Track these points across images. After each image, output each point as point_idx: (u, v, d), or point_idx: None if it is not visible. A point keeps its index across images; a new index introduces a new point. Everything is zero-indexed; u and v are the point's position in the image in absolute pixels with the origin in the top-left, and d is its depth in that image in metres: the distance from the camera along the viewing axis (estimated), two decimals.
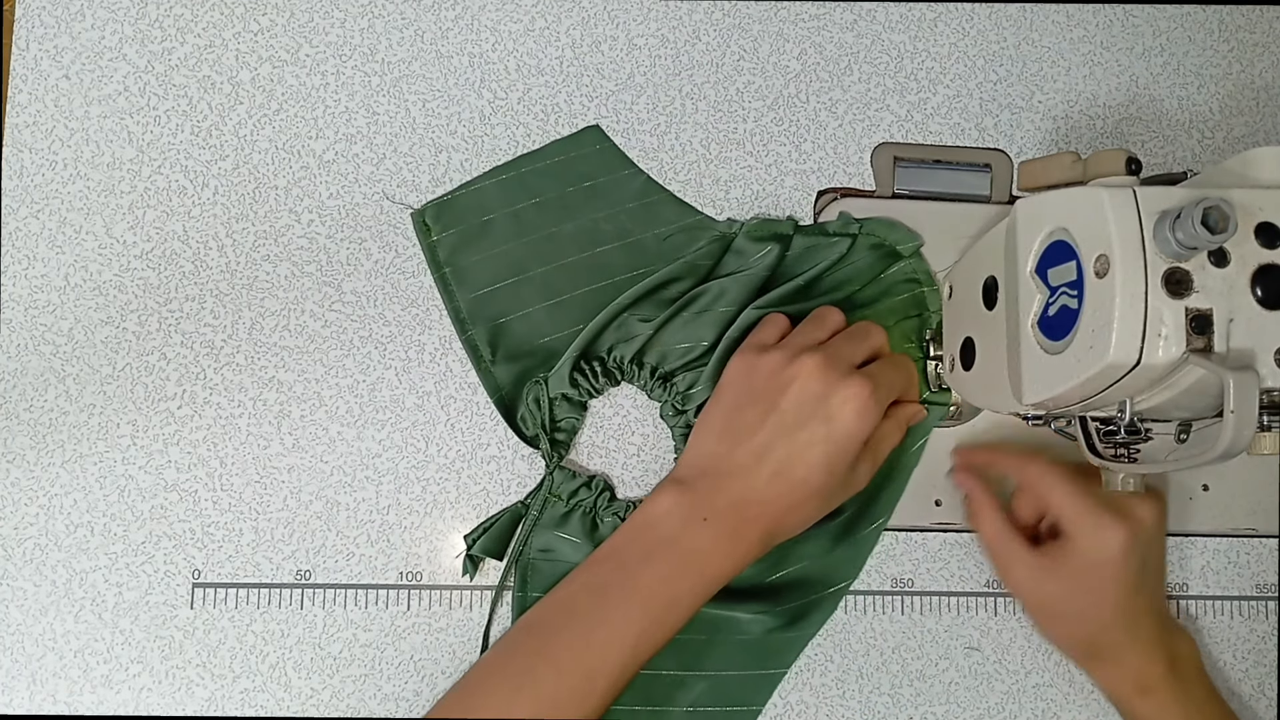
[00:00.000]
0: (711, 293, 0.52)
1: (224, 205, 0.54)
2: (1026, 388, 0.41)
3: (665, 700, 0.50)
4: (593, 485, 0.51)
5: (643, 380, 0.52)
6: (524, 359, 0.52)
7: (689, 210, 0.54)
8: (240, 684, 0.51)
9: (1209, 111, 0.56)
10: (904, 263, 0.53)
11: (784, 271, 0.53)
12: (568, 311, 0.53)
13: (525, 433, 0.52)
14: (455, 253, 0.53)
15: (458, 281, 0.53)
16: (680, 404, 0.51)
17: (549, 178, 0.54)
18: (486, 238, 0.53)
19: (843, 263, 0.53)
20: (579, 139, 0.54)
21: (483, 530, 0.51)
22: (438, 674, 0.52)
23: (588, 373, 0.51)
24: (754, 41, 0.56)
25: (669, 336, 0.52)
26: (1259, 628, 0.54)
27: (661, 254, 0.53)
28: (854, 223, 0.53)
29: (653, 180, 0.54)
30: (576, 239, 0.53)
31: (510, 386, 0.52)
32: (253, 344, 0.53)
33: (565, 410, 0.52)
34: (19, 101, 0.54)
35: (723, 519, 0.45)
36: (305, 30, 0.55)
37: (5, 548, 0.51)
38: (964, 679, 0.53)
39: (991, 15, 0.57)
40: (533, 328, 0.53)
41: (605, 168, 0.54)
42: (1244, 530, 0.54)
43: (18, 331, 0.53)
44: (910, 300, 0.53)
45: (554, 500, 0.51)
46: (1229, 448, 0.34)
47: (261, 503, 0.52)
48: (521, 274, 0.53)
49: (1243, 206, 0.36)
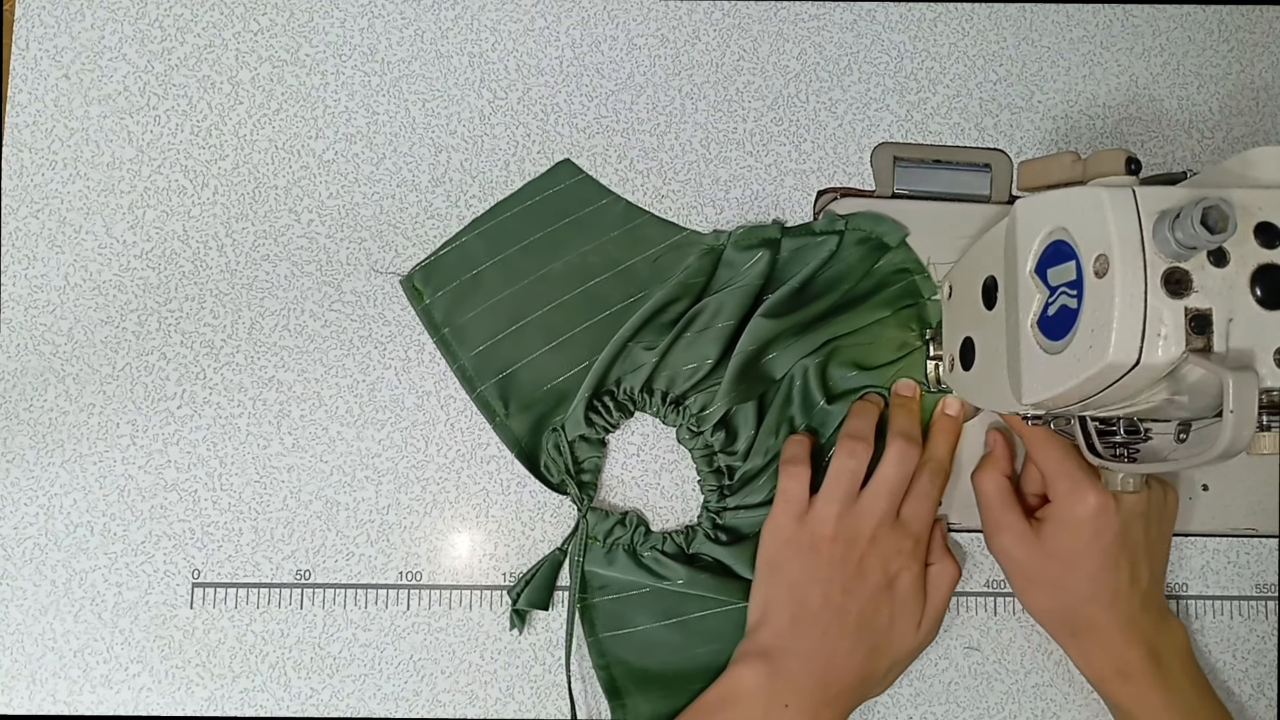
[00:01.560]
0: (709, 309, 0.52)
1: (224, 205, 0.54)
2: (1026, 388, 0.41)
3: None
4: (626, 522, 0.51)
5: (655, 407, 0.52)
6: (537, 406, 0.52)
7: (673, 228, 0.54)
8: (240, 684, 0.51)
9: (1209, 111, 0.56)
10: (893, 253, 0.53)
11: (777, 276, 0.53)
12: (571, 350, 0.53)
13: (551, 480, 0.52)
14: (451, 312, 0.53)
15: (458, 341, 0.53)
16: (696, 425, 0.51)
17: (530, 219, 0.53)
18: (479, 291, 0.53)
19: (833, 260, 0.53)
20: (552, 175, 0.54)
21: (525, 583, 0.51)
22: (438, 674, 0.52)
23: (601, 409, 0.51)
24: (754, 41, 0.56)
25: (675, 360, 0.52)
26: (1259, 628, 0.54)
27: (653, 276, 0.53)
28: (839, 219, 0.53)
29: (632, 204, 0.54)
30: (567, 276, 0.53)
31: (528, 436, 0.52)
32: (253, 344, 0.53)
33: (586, 450, 0.52)
34: (19, 101, 0.54)
35: (806, 704, 0.46)
36: (305, 30, 0.55)
37: (5, 548, 0.51)
38: (964, 679, 0.53)
39: (991, 15, 0.57)
40: (540, 373, 0.52)
41: (583, 200, 0.54)
42: (1244, 530, 0.54)
43: (18, 331, 0.53)
44: (904, 289, 0.53)
45: (593, 542, 0.51)
46: (1229, 448, 0.34)
47: (261, 503, 0.52)
48: (520, 321, 0.53)
49: (1242, 206, 0.36)
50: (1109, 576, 0.47)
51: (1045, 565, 0.48)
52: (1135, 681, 0.47)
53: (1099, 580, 0.47)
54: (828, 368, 0.52)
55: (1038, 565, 0.48)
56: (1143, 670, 0.47)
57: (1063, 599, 0.48)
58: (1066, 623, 0.49)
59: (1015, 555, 0.49)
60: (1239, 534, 0.54)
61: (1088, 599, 0.47)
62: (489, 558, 0.52)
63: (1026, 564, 0.48)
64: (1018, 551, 0.48)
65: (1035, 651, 0.53)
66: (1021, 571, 0.49)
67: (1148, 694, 0.47)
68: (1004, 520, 0.49)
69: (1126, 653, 0.47)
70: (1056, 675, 0.53)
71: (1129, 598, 0.47)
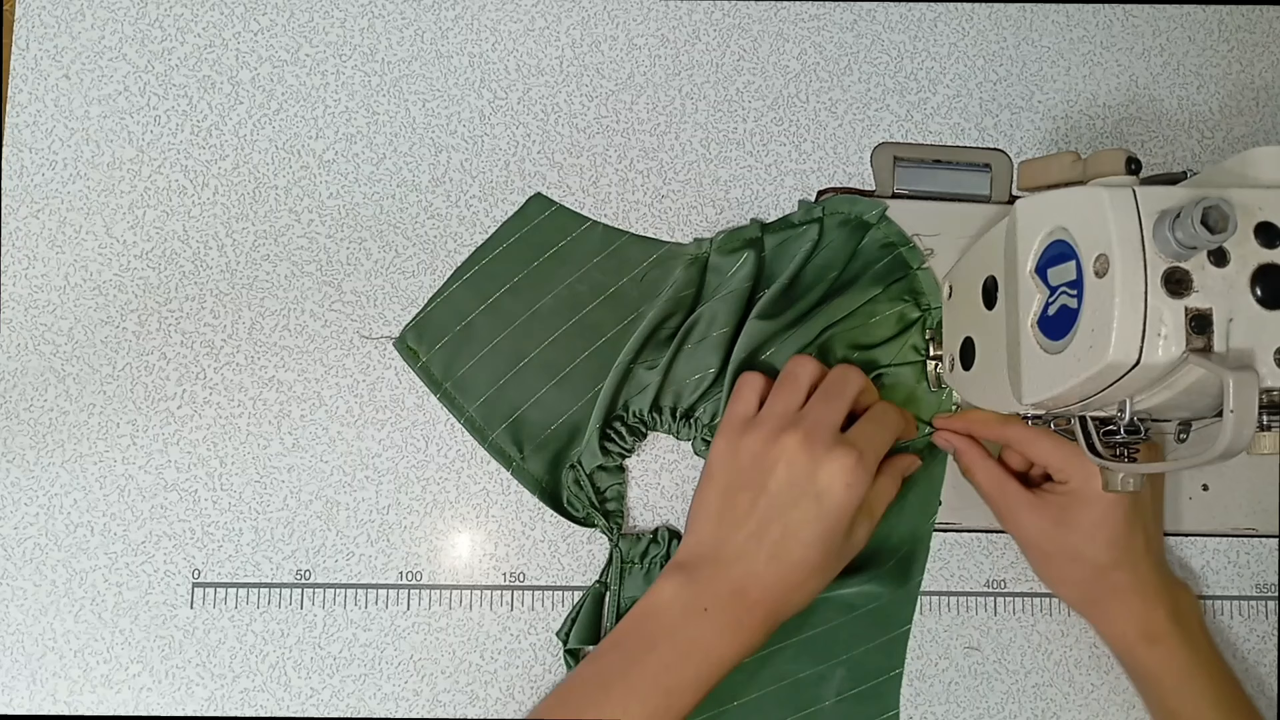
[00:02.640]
0: (704, 319, 0.52)
1: (224, 205, 0.54)
2: (1026, 387, 0.41)
3: (813, 699, 0.51)
4: (659, 538, 0.52)
5: (667, 424, 0.52)
6: (551, 443, 0.52)
7: (654, 243, 0.54)
8: (240, 684, 0.51)
9: (1209, 111, 0.56)
10: (875, 230, 0.53)
11: (766, 274, 0.53)
12: (575, 382, 0.52)
13: (577, 515, 0.52)
14: (449, 366, 0.52)
15: (461, 393, 0.52)
16: (708, 435, 0.52)
17: (511, 260, 0.53)
18: (473, 341, 0.53)
19: (819, 248, 0.53)
20: (525, 213, 0.54)
21: (571, 621, 0.51)
22: (438, 674, 0.52)
23: (614, 436, 0.52)
24: (754, 41, 0.56)
25: (678, 373, 0.52)
26: (1259, 628, 0.54)
27: (643, 296, 0.53)
28: (815, 206, 0.53)
29: (609, 226, 0.54)
30: (558, 310, 0.53)
31: (547, 475, 0.52)
32: (253, 344, 0.53)
33: (606, 479, 0.52)
34: (19, 101, 0.54)
35: (724, 608, 0.45)
36: (305, 30, 0.55)
37: (5, 548, 0.51)
38: (964, 679, 0.53)
39: (991, 15, 0.57)
40: (547, 411, 0.52)
41: (560, 230, 0.54)
42: (1244, 530, 0.54)
43: (18, 331, 0.53)
44: (892, 263, 0.53)
45: (630, 567, 0.51)
46: (1229, 447, 0.34)
47: (261, 502, 0.52)
48: (519, 363, 0.52)
49: (1242, 206, 0.36)
50: (1126, 541, 0.47)
51: (1067, 537, 0.48)
52: (1162, 642, 0.48)
53: (1117, 545, 0.47)
54: (831, 352, 0.52)
55: (1058, 538, 0.48)
56: (1168, 630, 0.48)
57: (1085, 569, 0.48)
58: (1088, 592, 0.49)
59: (1032, 531, 0.49)
60: (1239, 534, 0.54)
61: (1110, 566, 0.48)
62: (489, 558, 0.52)
63: (1044, 538, 0.49)
64: (1034, 527, 0.49)
65: (1035, 651, 0.53)
66: (1040, 545, 0.49)
67: (1175, 653, 0.47)
68: (1011, 499, 0.49)
69: (1150, 613, 0.48)
70: (1056, 675, 0.53)
71: (1145, 559, 0.48)
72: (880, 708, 0.51)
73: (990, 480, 0.50)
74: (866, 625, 0.51)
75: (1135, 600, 0.48)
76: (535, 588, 0.52)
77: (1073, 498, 0.48)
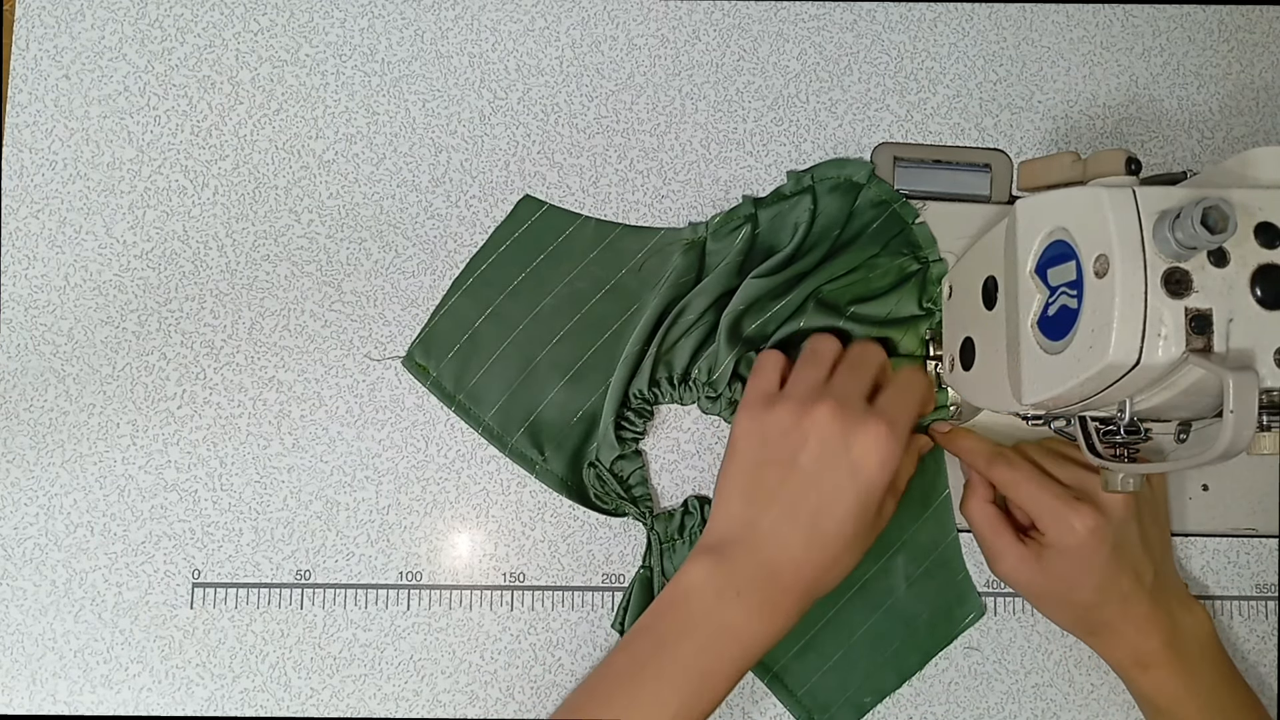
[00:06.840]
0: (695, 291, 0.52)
1: (224, 205, 0.54)
2: (1026, 388, 0.41)
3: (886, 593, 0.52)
4: (691, 508, 0.52)
5: (668, 394, 0.52)
6: (570, 440, 0.52)
7: (648, 232, 0.54)
8: (240, 684, 0.51)
9: (1209, 111, 0.56)
10: (866, 190, 0.53)
11: (763, 247, 0.53)
12: (586, 379, 0.53)
13: (607, 508, 0.52)
14: (460, 378, 0.52)
15: (475, 403, 0.52)
16: (711, 392, 0.52)
17: (507, 265, 0.53)
18: (480, 350, 0.53)
19: (816, 217, 0.53)
20: (516, 216, 0.54)
21: (624, 610, 0.51)
22: (438, 674, 0.52)
23: (625, 424, 0.52)
24: (754, 41, 0.56)
25: (667, 343, 0.52)
26: (1259, 628, 0.54)
27: (643, 285, 0.53)
28: (804, 174, 0.54)
29: (601, 220, 0.54)
30: (560, 309, 0.53)
31: (570, 473, 0.52)
32: (253, 344, 0.53)
33: (627, 467, 0.52)
34: (19, 101, 0.54)
35: (757, 590, 0.44)
36: (305, 30, 0.55)
37: (5, 548, 0.51)
38: (964, 679, 0.53)
39: (991, 15, 0.57)
40: (563, 410, 0.52)
41: (553, 230, 0.54)
42: (1244, 530, 0.54)
43: (18, 331, 0.53)
44: (888, 221, 0.53)
45: (670, 544, 0.51)
46: (1229, 448, 0.34)
47: (261, 503, 0.52)
48: (528, 366, 0.53)
49: (1242, 206, 0.36)
50: (1113, 585, 0.47)
51: (1050, 584, 0.48)
52: (1154, 669, 0.47)
53: (1104, 590, 0.47)
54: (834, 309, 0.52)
55: (1042, 585, 0.48)
56: (1162, 659, 0.47)
57: (1074, 611, 0.48)
58: (1083, 626, 0.49)
59: (1018, 579, 0.48)
60: (1239, 534, 0.54)
61: (1097, 606, 0.47)
62: (489, 558, 0.52)
63: (1031, 585, 0.48)
64: (1020, 575, 0.48)
65: (1035, 651, 0.53)
66: (1028, 590, 0.49)
67: (1167, 680, 0.47)
68: (999, 546, 0.48)
69: (1144, 642, 0.47)
70: (1056, 675, 0.53)
71: (1137, 597, 0.47)
72: (950, 574, 0.52)
73: (983, 524, 0.49)
74: (907, 506, 0.51)
75: (1128, 630, 0.47)
76: (535, 588, 0.52)
77: (1054, 553, 0.47)
